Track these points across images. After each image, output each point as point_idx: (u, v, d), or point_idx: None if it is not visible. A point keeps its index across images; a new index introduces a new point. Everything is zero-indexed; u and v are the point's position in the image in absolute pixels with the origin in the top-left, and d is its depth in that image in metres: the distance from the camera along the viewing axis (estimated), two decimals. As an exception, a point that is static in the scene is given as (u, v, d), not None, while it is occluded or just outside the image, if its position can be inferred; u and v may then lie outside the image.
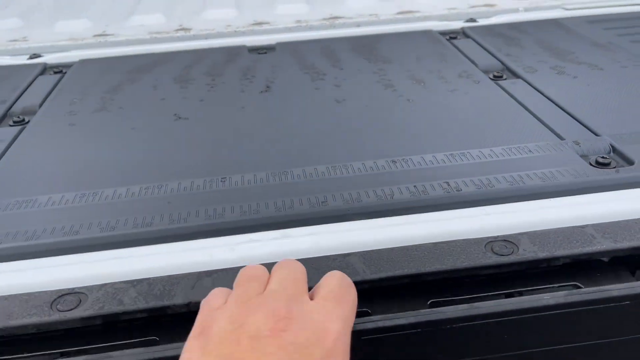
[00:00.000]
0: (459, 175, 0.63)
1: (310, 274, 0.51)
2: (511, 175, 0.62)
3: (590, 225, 0.54)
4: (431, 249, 0.52)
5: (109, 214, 0.59)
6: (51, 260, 0.54)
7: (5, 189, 0.67)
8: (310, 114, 0.82)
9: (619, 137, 0.69)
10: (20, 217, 0.60)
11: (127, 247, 0.55)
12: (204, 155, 0.72)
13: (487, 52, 1.01)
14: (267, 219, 0.58)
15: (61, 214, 0.60)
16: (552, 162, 0.64)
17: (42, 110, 0.87)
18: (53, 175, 0.69)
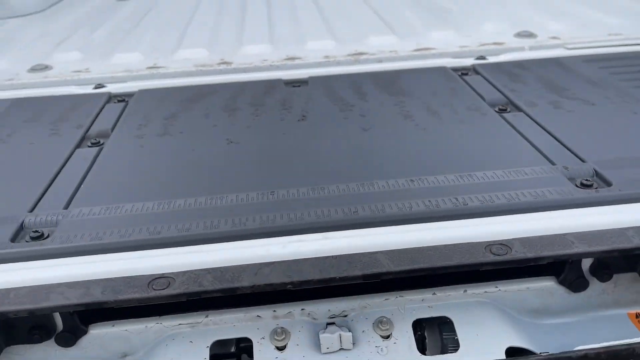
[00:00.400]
0: (466, 192, 0.77)
1: (345, 266, 0.65)
2: (509, 193, 0.76)
3: (570, 233, 0.68)
4: (442, 249, 0.66)
5: (183, 218, 0.74)
6: (143, 252, 0.69)
7: (95, 198, 0.82)
8: (341, 140, 0.97)
9: (601, 162, 0.82)
10: (112, 220, 0.75)
11: (201, 245, 0.70)
12: (255, 173, 0.87)
13: (494, 88, 1.15)
14: (310, 224, 0.72)
15: (144, 218, 0.75)
16: (543, 183, 0.78)
17: (114, 134, 1.03)
18: (133, 188, 0.85)
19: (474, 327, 0.74)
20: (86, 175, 0.89)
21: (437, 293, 0.77)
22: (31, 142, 1.02)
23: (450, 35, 1.55)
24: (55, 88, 1.31)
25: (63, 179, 0.87)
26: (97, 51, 1.57)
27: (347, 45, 1.52)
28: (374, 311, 0.76)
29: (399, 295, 0.77)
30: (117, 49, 1.56)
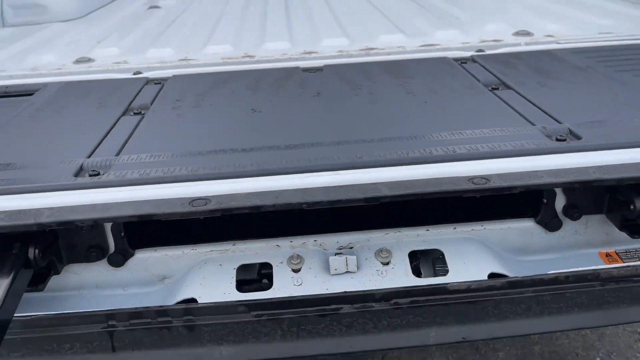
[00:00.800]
0: (456, 144, 0.90)
1: (350, 192, 0.78)
2: (492, 144, 0.89)
3: (541, 170, 0.80)
4: (432, 181, 0.79)
5: (216, 161, 0.89)
6: (183, 184, 0.83)
7: (141, 148, 0.97)
8: (351, 109, 1.11)
9: (575, 124, 0.95)
10: (156, 163, 0.90)
11: (231, 179, 0.84)
12: (276, 131, 1.01)
13: (488, 72, 1.29)
14: (323, 166, 0.86)
15: (182, 161, 0.90)
16: (523, 138, 0.91)
17: (153, 107, 1.19)
18: (172, 141, 1.00)
19: (461, 258, 0.86)
20: (132, 133, 1.04)
21: (430, 230, 0.90)
22: (82, 113, 1.18)
23: (454, 34, 1.69)
24: (98, 74, 1.47)
25: (113, 136, 1.03)
26: (133, 48, 1.74)
27: (359, 42, 1.67)
28: (375, 243, 0.89)
29: (398, 231, 0.90)
30: (151, 45, 1.73)
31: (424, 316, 0.81)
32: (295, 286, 0.83)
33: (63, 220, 0.73)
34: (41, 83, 1.37)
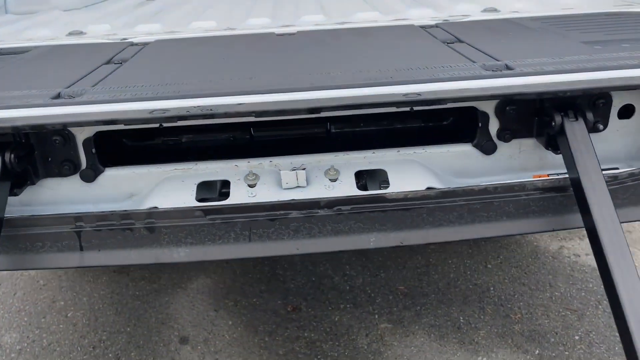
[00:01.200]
0: (401, 76, 0.99)
1: (296, 104, 0.87)
2: (434, 74, 0.98)
3: (469, 89, 0.89)
4: (372, 96, 0.88)
5: (182, 88, 0.98)
6: (148, 102, 0.92)
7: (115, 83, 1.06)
8: (312, 56, 1.21)
9: (512, 61, 1.04)
10: (128, 90, 0.99)
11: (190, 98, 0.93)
12: (240, 69, 1.11)
13: (448, 33, 1.38)
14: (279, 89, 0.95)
15: (153, 88, 0.99)
16: (462, 70, 1.00)
17: (133, 59, 1.28)
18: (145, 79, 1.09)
19: (403, 175, 0.94)
20: (109, 75, 1.13)
21: (376, 153, 0.98)
22: (68, 63, 1.28)
23: (426, 12, 1.79)
24: (88, 41, 1.58)
25: (92, 76, 1.12)
26: (125, 25, 1.85)
27: (335, 18, 1.77)
28: (325, 164, 0.97)
29: (346, 154, 0.98)
30: (139, 22, 1.85)
31: (365, 222, 0.88)
32: (249, 197, 0.91)
33: (34, 124, 0.82)
34: (32, 46, 1.48)
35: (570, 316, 2.24)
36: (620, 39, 1.17)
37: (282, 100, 0.87)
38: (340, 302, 2.31)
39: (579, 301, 2.30)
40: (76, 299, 2.50)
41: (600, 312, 2.26)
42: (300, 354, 2.03)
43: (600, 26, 1.34)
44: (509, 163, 0.99)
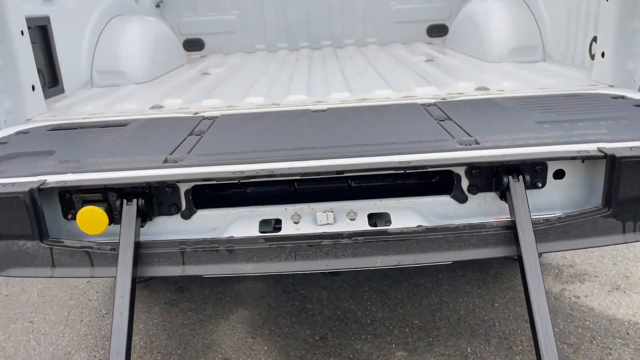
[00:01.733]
0: (398, 146, 1.41)
1: (328, 169, 1.31)
2: (418, 146, 1.40)
3: (447, 158, 1.31)
4: (376, 163, 1.31)
5: (251, 155, 1.43)
6: (229, 166, 1.37)
7: (203, 151, 1.51)
8: (337, 128, 1.65)
9: (480, 137, 1.45)
10: (214, 156, 1.44)
11: (260, 163, 1.38)
12: (288, 140, 1.56)
13: (441, 112, 1.81)
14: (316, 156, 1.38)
15: (230, 155, 1.44)
16: (444, 144, 1.42)
17: (209, 131, 1.74)
18: (222, 148, 1.54)
19: (401, 216, 1.35)
20: (195, 144, 1.59)
21: (382, 201, 1.39)
22: (162, 134, 1.75)
23: (430, 90, 2.24)
24: (169, 114, 2.07)
25: (183, 145, 1.58)
26: (192, 99, 2.35)
27: (358, 95, 2.24)
28: (347, 208, 1.39)
29: (361, 202, 1.40)
30: (204, 98, 2.35)
31: (374, 249, 1.29)
32: (295, 230, 1.34)
33: (158, 180, 1.27)
34: (130, 119, 1.97)
35: (567, 349, 2.54)
36: (566, 119, 1.58)
37: (318, 166, 1.30)
38: (361, 333, 2.66)
39: (576, 336, 2.61)
40: (134, 325, 2.91)
41: (594, 346, 2.55)
42: (327, 374, 2.39)
43: (558, 107, 1.75)
44: (476, 209, 1.39)
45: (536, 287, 1.20)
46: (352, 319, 2.79)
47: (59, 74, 2.45)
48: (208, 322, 2.88)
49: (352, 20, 4.05)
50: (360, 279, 3.20)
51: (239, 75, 3.00)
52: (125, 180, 1.29)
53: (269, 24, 4.08)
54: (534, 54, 2.78)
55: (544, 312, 1.19)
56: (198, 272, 1.31)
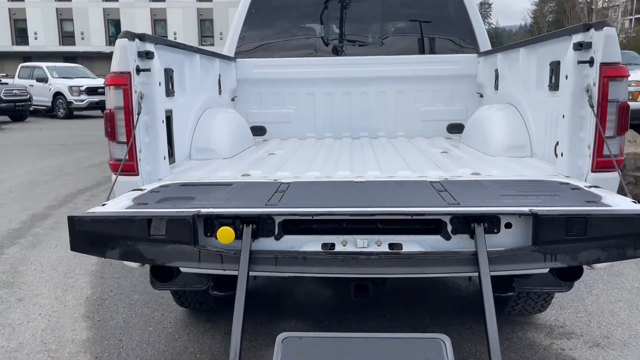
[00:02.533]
0: (412, 204, 2.29)
1: (365, 215, 2.20)
2: (424, 204, 2.27)
3: (435, 211, 2.18)
4: (398, 213, 2.19)
5: (324, 202, 2.33)
6: (308, 209, 2.27)
7: (288, 203, 2.43)
8: (371, 192, 2.54)
9: (463, 201, 2.31)
10: (296, 202, 2.36)
11: (329, 208, 2.28)
12: (339, 197, 2.46)
13: (442, 187, 2.67)
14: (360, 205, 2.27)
15: (304, 202, 2.34)
16: (438, 205, 2.28)
17: (288, 191, 2.65)
18: (299, 199, 2.44)
19: (409, 245, 2.20)
20: (281, 198, 2.48)
21: (398, 236, 2.24)
22: (256, 192, 2.66)
23: (439, 173, 3.14)
24: (256, 180, 3.01)
25: (276, 197, 2.47)
26: (268, 171, 3.30)
27: (386, 173, 3.15)
28: (376, 239, 2.25)
29: (385, 235, 2.26)
30: (277, 170, 3.29)
31: (392, 263, 2.14)
32: (343, 249, 2.20)
33: (267, 214, 2.18)
34: (232, 182, 2.91)
35: None
36: (520, 194, 2.42)
37: (358, 212, 2.17)
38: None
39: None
40: (202, 347, 3.71)
41: None
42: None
43: (520, 187, 2.59)
44: (455, 244, 2.21)
45: (487, 294, 1.99)
46: None
47: (174, 149, 3.46)
48: (259, 348, 3.65)
49: (385, 117, 5.07)
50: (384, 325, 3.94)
51: (297, 156, 3.98)
52: (246, 213, 2.19)
53: (318, 117, 5.13)
54: (524, 151, 3.66)
55: (490, 312, 1.97)
56: (284, 271, 2.16)
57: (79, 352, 3.71)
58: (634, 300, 4.41)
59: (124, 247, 2.20)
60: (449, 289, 4.62)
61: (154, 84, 2.95)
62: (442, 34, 5.11)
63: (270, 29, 5.13)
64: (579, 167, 2.84)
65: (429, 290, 4.60)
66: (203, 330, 3.96)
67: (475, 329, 3.86)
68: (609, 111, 2.61)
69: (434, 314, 4.15)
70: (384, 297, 4.33)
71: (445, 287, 4.66)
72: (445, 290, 4.62)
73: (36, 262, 5.48)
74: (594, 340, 3.75)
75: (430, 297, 4.49)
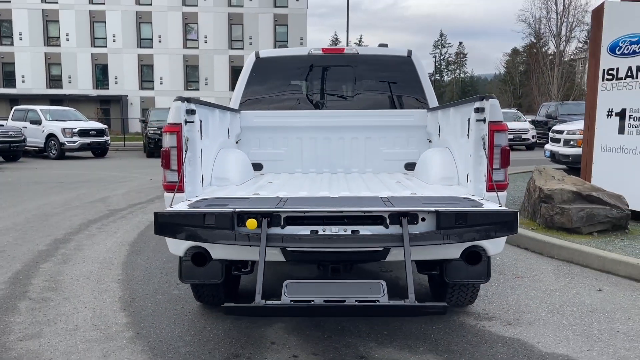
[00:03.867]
0: (362, 206, 3.70)
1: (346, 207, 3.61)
2: (372, 207, 3.69)
3: (377, 210, 3.59)
4: (354, 211, 3.60)
5: (312, 204, 3.72)
6: (303, 207, 3.65)
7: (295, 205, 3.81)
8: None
9: (396, 206, 3.74)
10: (293, 202, 3.74)
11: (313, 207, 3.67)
12: (322, 202, 3.85)
13: (387, 199, 4.09)
14: None
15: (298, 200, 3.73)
16: (380, 210, 3.70)
17: (287, 201, 4.02)
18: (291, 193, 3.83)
19: (365, 231, 3.58)
20: (286, 202, 3.84)
21: (357, 226, 3.61)
22: (268, 201, 4.02)
23: (388, 192, 4.53)
24: (265, 196, 4.39)
25: (281, 203, 3.84)
26: (271, 192, 4.67)
27: (353, 192, 4.55)
28: (343, 228, 3.62)
29: (350, 226, 3.64)
30: (277, 191, 4.67)
31: (353, 241, 3.52)
32: (323, 233, 3.57)
33: (277, 212, 3.55)
34: (249, 197, 4.28)
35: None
36: (432, 202, 3.82)
37: (334, 210, 3.53)
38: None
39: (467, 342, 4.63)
40: (216, 326, 4.96)
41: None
42: (331, 337, 4.44)
43: (437, 200, 3.96)
44: (392, 230, 3.55)
45: (407, 259, 3.34)
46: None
47: (203, 177, 4.83)
48: (259, 327, 4.91)
49: (357, 157, 6.54)
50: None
51: (289, 184, 5.36)
52: (264, 211, 3.53)
53: (304, 157, 6.57)
54: (452, 181, 5.12)
55: (409, 269, 3.33)
56: (286, 245, 3.49)
57: (123, 330, 4.94)
58: (544, 297, 5.80)
59: (188, 231, 3.53)
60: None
61: (195, 131, 4.36)
62: (400, 93, 6.66)
63: (267, 88, 6.62)
64: (480, 189, 4.29)
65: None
66: (216, 317, 5.17)
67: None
68: (495, 152, 4.08)
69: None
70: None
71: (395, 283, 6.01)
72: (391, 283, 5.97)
73: (70, 274, 6.67)
74: (507, 321, 5.09)
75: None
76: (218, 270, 4.10)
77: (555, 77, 47.24)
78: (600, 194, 7.86)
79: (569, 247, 7.03)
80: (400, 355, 4.26)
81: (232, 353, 4.32)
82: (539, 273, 6.60)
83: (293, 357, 4.22)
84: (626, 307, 5.38)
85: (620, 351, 4.35)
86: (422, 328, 4.80)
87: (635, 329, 4.82)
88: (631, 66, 8.38)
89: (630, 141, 8.42)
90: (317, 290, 3.22)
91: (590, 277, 6.39)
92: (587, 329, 4.83)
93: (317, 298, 3.16)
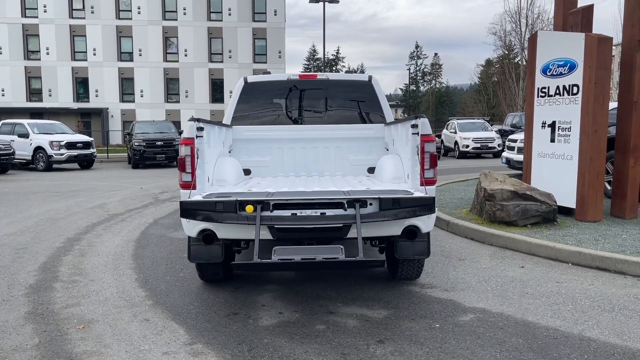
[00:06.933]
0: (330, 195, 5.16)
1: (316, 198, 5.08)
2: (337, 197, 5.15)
3: (338, 197, 5.06)
4: (323, 198, 5.06)
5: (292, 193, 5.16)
6: (283, 197, 5.10)
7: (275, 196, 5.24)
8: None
9: (351, 195, 5.21)
10: (276, 184, 5.19)
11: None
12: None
13: (347, 192, 5.54)
14: None
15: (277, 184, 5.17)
16: (343, 197, 5.16)
17: (273, 195, 5.44)
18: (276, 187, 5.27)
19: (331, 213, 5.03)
20: (274, 194, 5.26)
21: (325, 210, 5.05)
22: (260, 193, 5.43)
23: (349, 188, 6.01)
24: (253, 189, 5.81)
25: (270, 194, 5.27)
26: (262, 188, 6.08)
27: (324, 187, 6.00)
28: (315, 212, 5.06)
29: (319, 210, 5.09)
30: (266, 187, 6.07)
31: (321, 220, 4.96)
32: (300, 215, 5.01)
33: (267, 201, 4.98)
34: (244, 192, 5.69)
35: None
36: (384, 193, 5.29)
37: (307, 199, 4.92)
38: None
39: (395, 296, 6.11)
40: (218, 296, 6.36)
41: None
42: (308, 297, 5.89)
43: (382, 192, 5.45)
44: (348, 212, 4.93)
45: (359, 235, 4.73)
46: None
47: (207, 178, 6.24)
48: (250, 295, 6.32)
49: (328, 163, 7.99)
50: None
51: (274, 184, 6.79)
52: (258, 200, 4.86)
53: (285, 163, 8.00)
54: (401, 179, 6.57)
55: (360, 241, 4.77)
56: (274, 223, 4.89)
57: (144, 300, 6.25)
58: (478, 272, 7.26)
59: (203, 214, 4.93)
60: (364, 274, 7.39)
61: (204, 143, 5.78)
62: (363, 110, 8.17)
63: (254, 107, 8.06)
64: (416, 184, 5.78)
65: (350, 273, 7.36)
66: (217, 289, 6.48)
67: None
68: (425, 157, 5.57)
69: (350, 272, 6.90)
70: (327, 274, 7.10)
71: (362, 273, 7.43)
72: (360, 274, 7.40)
73: (89, 264, 7.93)
74: (445, 289, 6.53)
75: (350, 275, 7.25)
76: (219, 251, 5.50)
77: (521, 89, 49.69)
78: (533, 193, 9.45)
79: (503, 235, 8.59)
80: (360, 310, 5.68)
81: (232, 312, 5.68)
82: (477, 256, 8.11)
83: (279, 314, 5.61)
84: (539, 277, 6.90)
85: (524, 305, 5.84)
86: (379, 294, 6.23)
87: (540, 291, 6.33)
88: (559, 85, 10.04)
89: (559, 148, 10.05)
90: (296, 252, 4.64)
91: (517, 259, 7.91)
92: (504, 292, 6.31)
93: (296, 257, 4.59)
